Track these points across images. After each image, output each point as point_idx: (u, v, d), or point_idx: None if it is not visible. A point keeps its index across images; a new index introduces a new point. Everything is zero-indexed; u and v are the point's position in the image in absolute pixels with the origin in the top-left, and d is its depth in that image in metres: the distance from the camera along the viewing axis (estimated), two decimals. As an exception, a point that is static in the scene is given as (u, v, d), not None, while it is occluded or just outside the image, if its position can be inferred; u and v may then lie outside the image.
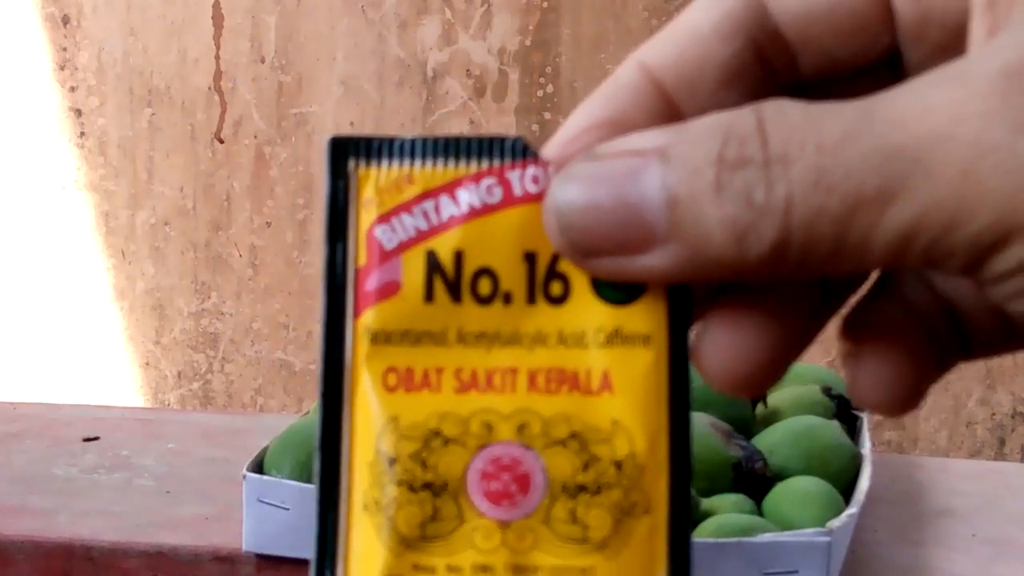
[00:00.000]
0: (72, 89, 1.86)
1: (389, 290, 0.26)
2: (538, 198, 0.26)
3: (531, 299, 0.26)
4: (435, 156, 0.26)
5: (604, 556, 0.25)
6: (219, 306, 1.87)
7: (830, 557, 0.68)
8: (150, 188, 1.86)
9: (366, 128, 1.79)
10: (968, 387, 1.73)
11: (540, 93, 1.76)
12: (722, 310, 0.26)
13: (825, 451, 0.80)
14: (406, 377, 0.26)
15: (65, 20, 1.85)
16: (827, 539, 0.68)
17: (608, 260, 0.25)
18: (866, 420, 0.88)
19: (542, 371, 0.26)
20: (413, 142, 0.26)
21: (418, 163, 0.26)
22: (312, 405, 0.89)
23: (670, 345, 0.26)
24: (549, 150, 0.27)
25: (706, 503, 0.74)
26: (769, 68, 0.27)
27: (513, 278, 0.26)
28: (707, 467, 0.76)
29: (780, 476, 0.78)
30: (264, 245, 1.85)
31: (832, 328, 0.29)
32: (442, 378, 0.26)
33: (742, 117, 0.24)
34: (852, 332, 0.27)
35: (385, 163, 0.26)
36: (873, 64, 0.27)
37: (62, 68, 1.86)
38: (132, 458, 0.94)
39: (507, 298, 0.26)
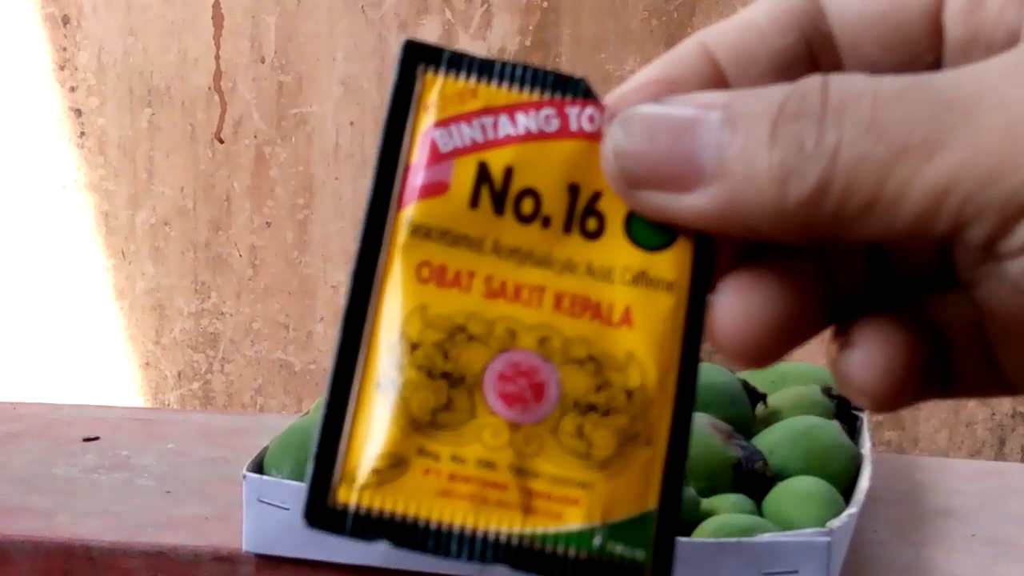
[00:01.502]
0: (72, 89, 1.86)
1: (436, 189, 0.27)
2: (592, 136, 0.27)
3: (567, 228, 0.27)
4: (501, 78, 0.28)
5: (604, 475, 0.26)
6: (219, 306, 1.87)
7: (830, 557, 0.68)
8: (150, 188, 1.86)
9: (367, 129, 1.79)
10: (968, 387, 1.73)
11: (540, 93, 1.76)
12: (739, 277, 0.27)
13: (825, 451, 0.80)
14: (439, 272, 0.27)
15: (65, 20, 1.85)
16: (827, 539, 0.68)
17: (653, 194, 0.26)
18: (866, 420, 0.88)
19: (568, 295, 0.27)
20: (483, 61, 0.28)
21: (484, 80, 0.28)
22: (312, 405, 0.89)
23: (690, 296, 0.27)
24: (609, 98, 0.28)
25: (706, 503, 0.74)
26: (817, 66, 0.28)
27: (555, 204, 0.27)
28: (707, 467, 0.76)
29: (780, 476, 0.78)
30: (264, 245, 1.85)
31: (831, 329, 0.29)
32: (473, 281, 0.27)
33: (809, 79, 0.25)
34: (847, 326, 0.28)
35: (452, 74, 0.28)
36: None
37: (62, 68, 1.86)
38: (132, 458, 0.94)
39: (546, 221, 0.27)
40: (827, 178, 0.24)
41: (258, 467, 0.78)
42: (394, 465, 0.26)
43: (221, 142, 1.84)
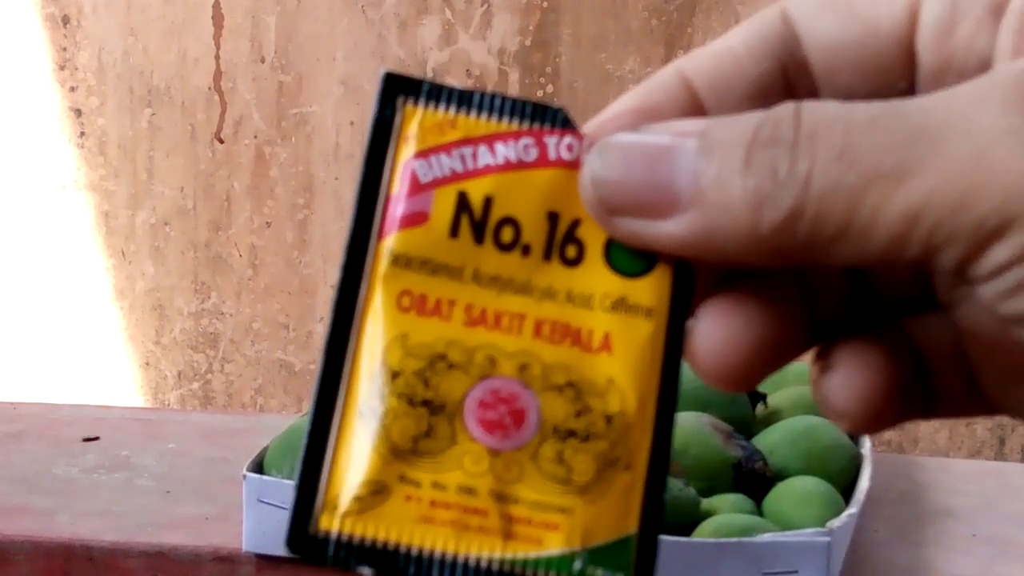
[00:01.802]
0: (72, 89, 1.86)
1: (417, 219, 0.27)
2: (570, 164, 0.28)
3: (547, 256, 0.28)
4: (480, 108, 0.28)
5: (584, 500, 0.26)
6: (219, 306, 1.87)
7: (830, 557, 0.68)
8: (150, 188, 1.86)
9: (366, 128, 1.79)
10: (968, 387, 1.73)
11: (540, 93, 1.76)
12: (718, 302, 0.28)
13: (825, 451, 0.80)
14: (419, 301, 0.27)
15: (65, 20, 1.85)
16: (827, 539, 0.68)
17: (630, 221, 0.27)
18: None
19: (548, 322, 0.27)
20: (461, 92, 0.28)
21: (463, 111, 0.28)
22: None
23: (669, 322, 0.28)
24: (587, 127, 0.28)
25: (706, 503, 0.74)
26: (793, 92, 0.29)
27: (534, 233, 0.28)
28: (707, 467, 0.76)
29: (780, 476, 0.78)
30: (264, 245, 1.85)
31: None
32: (453, 309, 0.27)
33: (782, 107, 0.26)
34: (828, 350, 0.28)
35: (432, 105, 0.28)
36: None
37: (62, 68, 1.86)
38: (132, 458, 0.94)
39: (526, 250, 0.28)
40: (800, 205, 0.25)
41: (258, 467, 0.78)
42: (376, 492, 0.26)
43: (221, 142, 1.84)
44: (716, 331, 0.27)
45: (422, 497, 0.26)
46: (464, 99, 0.28)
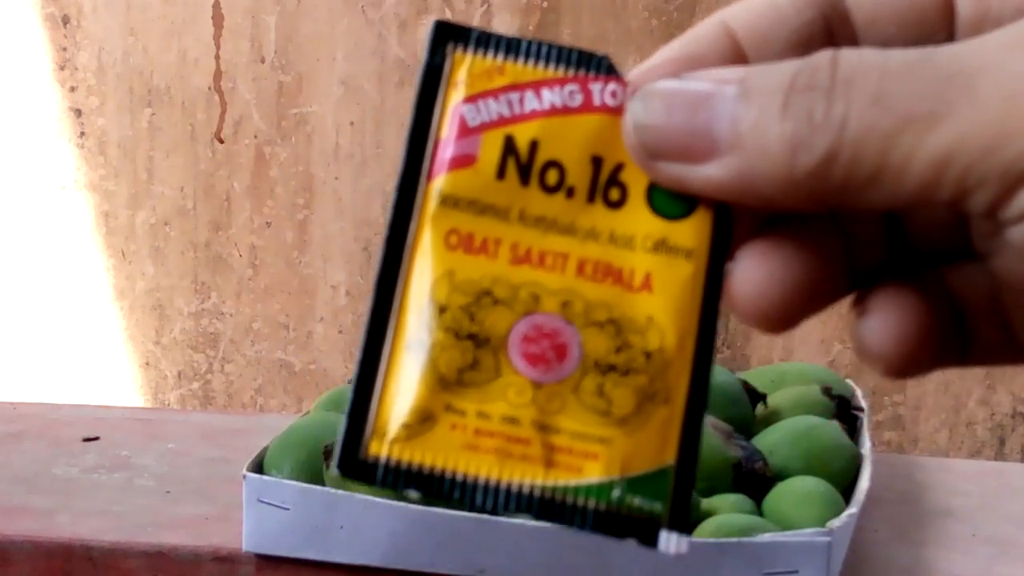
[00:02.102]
0: (72, 89, 1.86)
1: (465, 161, 0.28)
2: (614, 111, 0.29)
3: (591, 198, 0.29)
4: (527, 55, 0.29)
5: (623, 432, 0.28)
6: (219, 306, 1.87)
7: (830, 557, 0.68)
8: (150, 188, 1.86)
9: (367, 129, 1.79)
10: (968, 387, 1.73)
11: (540, 93, 1.76)
12: (757, 244, 0.28)
13: (825, 451, 0.80)
14: (466, 240, 0.28)
15: (65, 20, 1.85)
16: (827, 539, 0.68)
17: (671, 165, 0.28)
18: (866, 420, 0.88)
19: (590, 261, 0.28)
20: (510, 40, 0.29)
21: (511, 58, 0.29)
22: (312, 405, 0.89)
23: (709, 263, 0.29)
24: (631, 74, 0.29)
25: (706, 503, 0.74)
26: (834, 42, 0.29)
27: (579, 175, 0.29)
28: (707, 467, 0.76)
29: (780, 476, 0.78)
30: (264, 245, 1.85)
31: (832, 329, 0.30)
32: (499, 248, 0.28)
33: (820, 54, 0.26)
34: (865, 294, 0.29)
35: (480, 52, 0.29)
36: None
37: (62, 68, 1.86)
38: (132, 458, 0.94)
39: (570, 192, 0.29)
40: (835, 148, 0.25)
41: (258, 467, 0.78)
42: (423, 420, 0.27)
43: (221, 142, 1.84)
44: (755, 273, 0.28)
45: (467, 425, 0.27)
46: (512, 46, 0.29)
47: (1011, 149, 0.24)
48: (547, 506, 0.27)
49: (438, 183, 0.28)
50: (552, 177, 0.29)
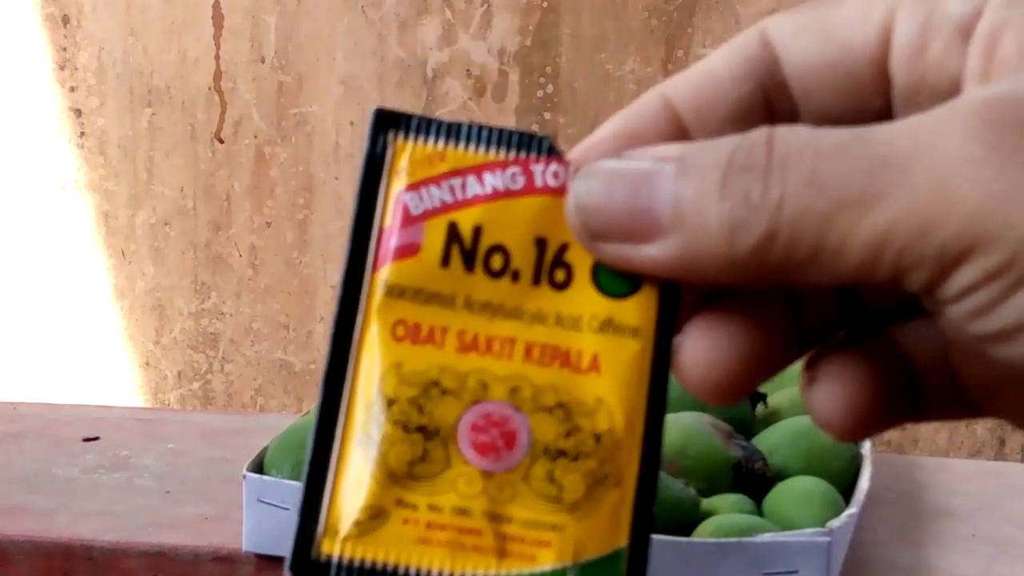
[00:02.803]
0: (72, 89, 1.86)
1: (409, 250, 0.28)
2: (556, 191, 0.29)
3: (536, 280, 0.29)
4: (468, 140, 0.29)
5: (574, 517, 0.27)
6: (219, 306, 1.87)
7: (830, 557, 0.68)
8: (150, 188, 1.86)
9: (366, 129, 1.79)
10: (968, 387, 1.73)
11: (540, 93, 1.76)
12: (704, 319, 0.29)
13: (825, 451, 0.80)
14: (413, 330, 0.28)
15: (65, 20, 1.85)
16: (827, 539, 0.68)
17: (614, 246, 0.28)
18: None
19: (538, 345, 0.28)
20: (449, 125, 0.29)
21: (451, 143, 0.29)
22: (311, 405, 0.89)
23: (656, 340, 0.29)
24: (573, 153, 0.29)
25: (706, 503, 0.74)
26: (773, 112, 0.30)
27: (523, 259, 0.29)
28: (707, 467, 0.76)
29: (780, 476, 0.78)
30: (264, 245, 1.85)
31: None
32: (446, 336, 0.28)
33: (756, 132, 0.26)
34: (814, 362, 0.29)
35: (421, 139, 0.29)
36: (868, 121, 0.29)
37: (62, 68, 1.86)
38: (132, 458, 0.94)
39: (515, 276, 0.29)
40: (773, 229, 0.26)
41: (258, 467, 0.78)
42: (374, 516, 0.27)
43: (221, 142, 1.84)
44: (702, 347, 0.28)
45: (419, 519, 0.27)
46: (452, 131, 0.29)
47: (944, 232, 0.24)
48: None
49: (383, 274, 0.28)
50: (497, 262, 0.28)
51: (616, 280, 0.29)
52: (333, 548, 0.27)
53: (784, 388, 0.90)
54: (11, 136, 1.88)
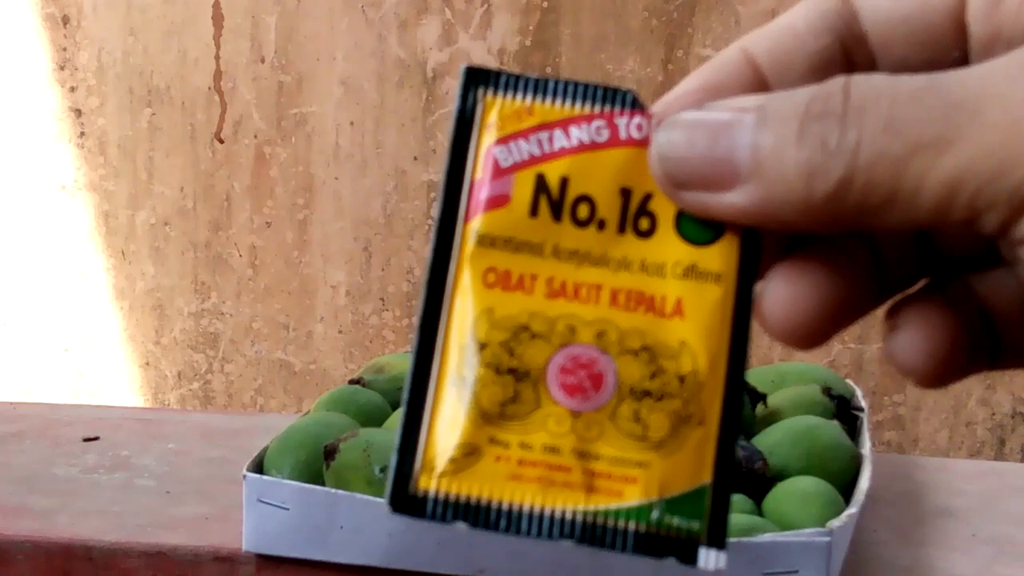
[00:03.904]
0: (72, 89, 1.86)
1: (499, 201, 0.30)
2: (640, 143, 0.30)
3: (621, 229, 0.30)
4: (555, 95, 0.30)
5: (659, 455, 0.29)
6: (219, 306, 1.87)
7: (830, 557, 0.68)
8: (150, 188, 1.86)
9: (367, 129, 1.79)
10: (968, 387, 1.73)
11: (540, 93, 1.76)
12: (786, 265, 0.29)
13: (825, 451, 0.80)
14: (504, 277, 0.29)
15: (65, 20, 1.85)
16: (827, 539, 0.68)
17: (695, 194, 0.29)
18: (866, 420, 0.88)
19: (623, 291, 0.30)
20: (536, 81, 0.30)
21: (539, 99, 0.30)
22: (312, 405, 0.89)
23: (738, 286, 0.30)
24: (656, 107, 0.30)
25: (706, 503, 0.74)
26: (852, 65, 0.30)
27: (609, 208, 0.30)
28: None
29: (780, 476, 0.78)
30: (264, 245, 1.85)
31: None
32: (535, 283, 0.29)
33: (832, 81, 0.27)
34: (895, 310, 0.30)
35: (510, 95, 0.30)
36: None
37: (62, 68, 1.86)
38: (132, 458, 0.94)
39: (601, 224, 0.30)
40: (849, 174, 0.26)
41: (258, 467, 0.78)
42: (468, 454, 0.28)
43: (221, 142, 1.84)
44: (784, 293, 0.29)
45: (510, 457, 0.28)
46: (539, 87, 0.30)
47: (1017, 173, 0.25)
48: (589, 530, 0.28)
49: (475, 224, 0.30)
50: (583, 211, 0.30)
51: (699, 228, 0.30)
52: (430, 484, 0.28)
53: (784, 388, 0.90)
54: (11, 136, 1.88)
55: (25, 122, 1.88)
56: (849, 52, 0.30)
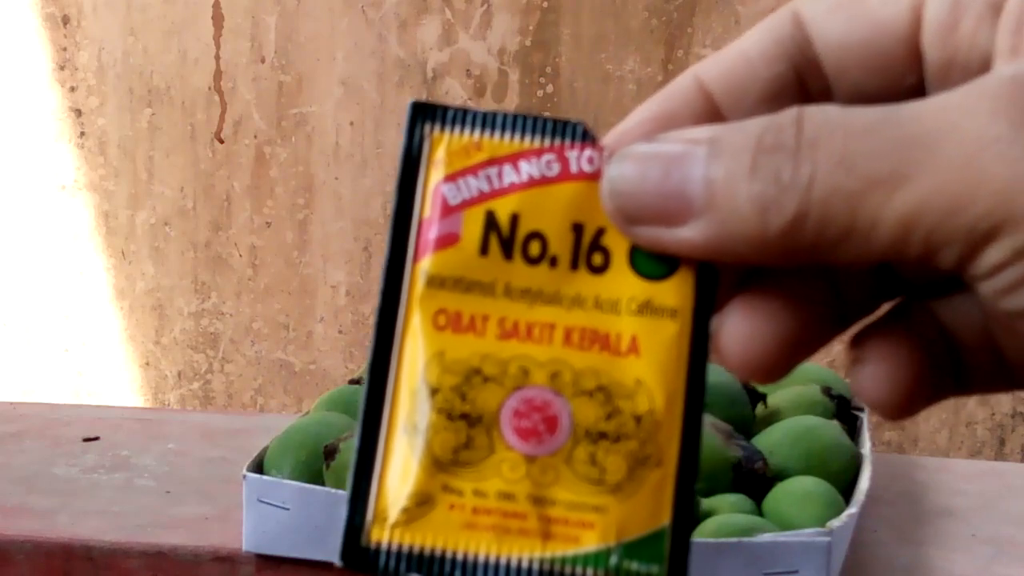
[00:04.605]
0: (72, 89, 1.86)
1: (448, 240, 0.29)
2: (591, 176, 0.29)
3: (574, 265, 0.29)
4: (503, 129, 0.30)
5: (617, 499, 0.28)
6: (219, 306, 1.87)
7: (830, 557, 0.68)
8: (150, 188, 1.86)
9: (367, 129, 1.79)
10: (968, 387, 1.73)
11: (540, 93, 1.76)
12: (743, 298, 0.29)
13: (825, 451, 0.80)
14: (455, 319, 0.29)
15: (65, 20, 1.85)
16: (827, 539, 0.68)
17: (648, 229, 0.28)
18: (866, 420, 0.88)
19: (577, 329, 0.29)
20: (485, 115, 0.30)
21: (487, 133, 0.30)
22: (312, 405, 0.89)
23: (694, 321, 0.29)
24: (607, 138, 0.30)
25: (706, 503, 0.74)
26: (806, 92, 0.30)
27: (561, 244, 0.29)
28: (707, 467, 0.76)
29: (780, 476, 0.78)
30: (264, 245, 1.85)
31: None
32: (487, 324, 0.29)
33: (785, 113, 0.27)
34: (859, 341, 0.29)
35: (457, 130, 0.30)
36: (901, 99, 0.29)
37: (62, 68, 1.86)
38: (132, 458, 0.94)
39: (553, 261, 0.29)
40: (804, 209, 0.26)
41: (258, 467, 0.78)
42: (421, 503, 0.28)
43: (221, 142, 1.84)
44: (741, 328, 0.28)
45: (465, 505, 0.28)
46: (488, 121, 0.30)
47: (973, 211, 0.24)
48: None
49: (424, 264, 0.29)
50: (535, 248, 0.29)
51: (653, 262, 0.29)
52: (382, 535, 0.28)
53: (784, 388, 0.90)
54: (11, 136, 1.88)
55: (25, 122, 1.88)
56: (804, 78, 0.30)
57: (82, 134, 1.87)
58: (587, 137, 0.29)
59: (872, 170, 0.25)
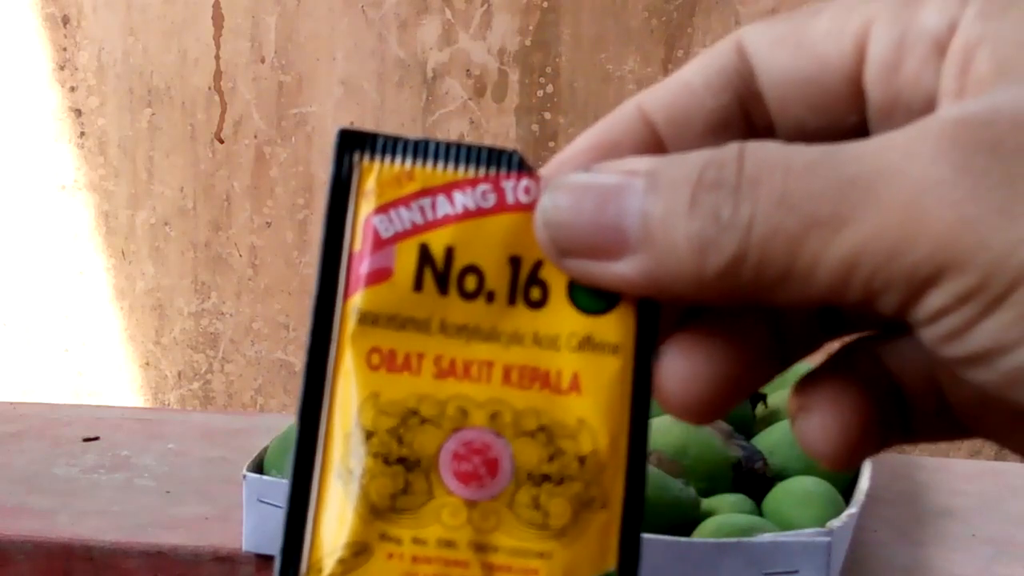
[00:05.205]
0: (72, 89, 1.86)
1: (381, 275, 0.28)
2: (528, 207, 0.28)
3: (512, 300, 0.28)
4: (436, 158, 0.28)
5: (561, 543, 0.27)
6: (219, 306, 1.87)
7: (830, 557, 0.68)
8: (150, 188, 1.86)
9: (367, 128, 1.79)
10: (968, 387, 1.73)
11: (540, 93, 1.76)
12: (680, 337, 0.28)
13: (825, 451, 0.80)
14: (389, 358, 0.27)
15: (65, 20, 1.85)
16: (827, 539, 0.68)
17: (582, 262, 0.27)
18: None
19: (516, 367, 0.27)
20: (416, 143, 0.28)
21: (419, 162, 0.28)
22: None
23: (636, 356, 0.28)
24: (545, 168, 0.28)
25: (706, 503, 0.74)
26: (751, 124, 0.29)
27: (497, 279, 0.28)
28: (707, 467, 0.76)
29: (780, 476, 0.78)
30: (264, 245, 1.85)
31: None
32: (423, 363, 0.27)
33: (727, 148, 0.26)
34: (803, 389, 0.28)
35: (388, 159, 0.28)
36: (843, 136, 0.28)
37: (62, 68, 1.86)
38: (132, 458, 0.94)
39: (490, 296, 0.28)
40: (743, 250, 0.25)
41: (258, 467, 0.78)
42: (358, 553, 0.26)
43: (221, 142, 1.84)
44: (679, 368, 0.27)
45: (404, 553, 0.26)
46: (420, 150, 0.28)
47: (914, 254, 0.24)
48: None
49: (355, 300, 0.27)
50: (471, 283, 0.28)
51: (592, 297, 0.28)
52: None
53: (784, 388, 0.90)
54: (11, 136, 1.88)
55: (25, 122, 1.88)
56: (748, 111, 0.29)
57: (82, 134, 1.87)
58: (523, 167, 0.28)
59: (812, 211, 0.24)
